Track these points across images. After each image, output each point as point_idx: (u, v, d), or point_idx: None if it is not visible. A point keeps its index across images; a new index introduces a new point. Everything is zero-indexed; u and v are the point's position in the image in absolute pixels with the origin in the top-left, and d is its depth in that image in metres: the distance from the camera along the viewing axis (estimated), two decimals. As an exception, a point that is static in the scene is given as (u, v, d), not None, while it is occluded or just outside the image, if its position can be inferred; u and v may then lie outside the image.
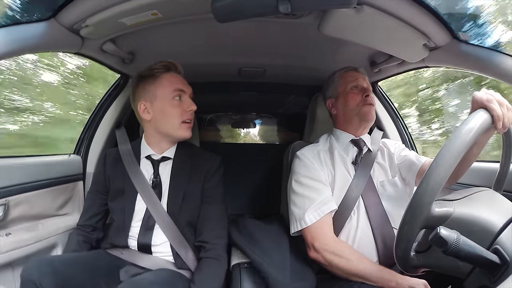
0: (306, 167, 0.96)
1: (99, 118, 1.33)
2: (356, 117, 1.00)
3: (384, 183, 0.96)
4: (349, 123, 1.02)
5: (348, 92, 1.02)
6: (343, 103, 1.03)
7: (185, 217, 0.95)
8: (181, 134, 0.96)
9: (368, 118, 0.99)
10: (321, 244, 0.86)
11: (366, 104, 0.98)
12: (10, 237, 0.94)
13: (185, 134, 0.96)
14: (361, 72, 1.06)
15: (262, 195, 1.79)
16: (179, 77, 0.98)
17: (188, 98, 0.97)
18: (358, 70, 1.07)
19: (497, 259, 0.49)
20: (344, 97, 1.02)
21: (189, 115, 0.96)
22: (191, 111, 0.96)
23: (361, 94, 1.00)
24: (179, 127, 0.95)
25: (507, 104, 0.60)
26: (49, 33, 0.77)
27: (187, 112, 0.95)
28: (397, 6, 0.76)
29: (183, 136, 0.97)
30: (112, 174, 1.00)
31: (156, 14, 0.80)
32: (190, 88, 0.99)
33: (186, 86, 0.97)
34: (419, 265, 0.61)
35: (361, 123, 1.00)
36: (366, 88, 1.01)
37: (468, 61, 0.85)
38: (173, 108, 0.94)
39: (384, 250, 0.87)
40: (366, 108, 0.99)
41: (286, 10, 0.69)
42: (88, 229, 1.01)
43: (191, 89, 0.99)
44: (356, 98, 1.00)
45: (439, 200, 0.60)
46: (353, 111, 1.00)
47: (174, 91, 0.94)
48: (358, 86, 1.01)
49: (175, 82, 0.95)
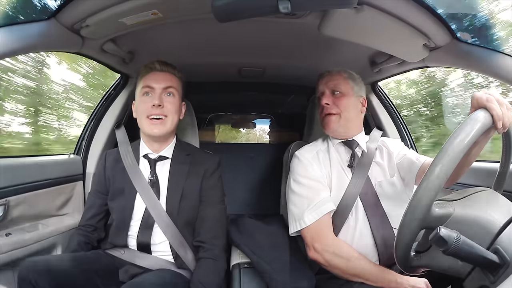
0: (305, 167, 0.96)
1: (99, 118, 1.33)
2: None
3: (383, 183, 0.96)
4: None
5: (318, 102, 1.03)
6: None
7: (183, 216, 0.95)
8: (146, 130, 0.95)
9: (328, 128, 1.00)
10: (321, 244, 0.86)
11: (324, 116, 1.00)
12: (10, 237, 0.94)
13: (149, 129, 0.94)
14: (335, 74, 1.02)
15: (262, 195, 1.79)
16: (155, 73, 0.97)
17: (159, 95, 0.94)
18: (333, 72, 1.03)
19: (497, 259, 0.49)
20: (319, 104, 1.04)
21: (154, 110, 0.93)
22: (155, 107, 0.93)
23: (321, 102, 1.00)
24: (145, 123, 0.95)
25: (507, 104, 0.60)
26: (49, 33, 0.77)
27: (150, 107, 0.93)
28: (397, 6, 0.76)
29: (148, 132, 0.95)
30: (112, 174, 1.00)
31: (156, 13, 0.80)
32: (163, 83, 0.95)
33: (158, 82, 0.95)
34: (419, 265, 0.61)
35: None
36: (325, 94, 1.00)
37: (468, 61, 0.85)
38: (141, 104, 0.96)
39: (384, 250, 0.87)
40: (324, 121, 1.01)
41: (286, 10, 0.69)
42: (89, 229, 1.01)
43: (167, 84, 0.96)
44: (320, 107, 1.02)
45: (439, 200, 0.60)
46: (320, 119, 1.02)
47: (142, 88, 0.96)
48: (322, 94, 1.02)
49: (146, 80, 0.96)
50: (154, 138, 0.98)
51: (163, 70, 0.98)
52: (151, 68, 0.98)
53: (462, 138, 0.52)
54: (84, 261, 0.87)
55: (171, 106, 0.95)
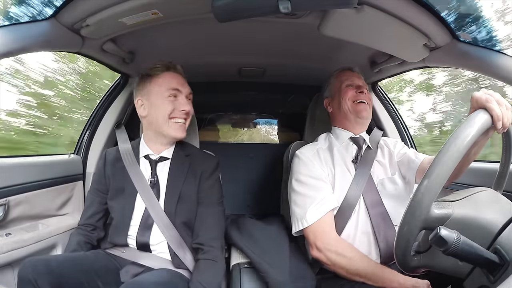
0: (306, 166, 0.96)
1: (99, 118, 1.33)
2: (352, 114, 1.01)
3: (384, 181, 0.96)
4: (346, 119, 1.03)
5: (342, 89, 1.03)
6: (338, 99, 1.04)
7: (181, 217, 0.95)
8: (171, 133, 0.95)
9: (363, 115, 1.00)
10: (323, 243, 0.86)
11: (360, 102, 1.00)
12: (10, 237, 0.94)
13: (175, 133, 0.95)
14: (356, 72, 1.07)
15: (262, 195, 1.79)
16: (178, 76, 0.98)
17: (184, 98, 0.96)
18: (353, 70, 1.08)
19: (497, 259, 0.49)
20: (339, 94, 1.04)
21: (181, 114, 0.95)
22: (183, 112, 0.95)
23: (355, 89, 1.01)
24: (168, 124, 0.94)
25: (506, 104, 0.60)
26: (49, 33, 0.77)
27: (179, 111, 0.94)
28: (397, 6, 0.76)
29: (173, 135, 0.96)
30: (112, 173, 1.00)
31: (156, 13, 0.80)
32: (188, 88, 0.98)
33: (183, 87, 0.97)
34: (419, 266, 0.61)
35: (357, 120, 1.01)
36: (359, 85, 1.02)
37: (468, 61, 0.85)
38: (166, 104, 0.94)
39: (385, 249, 0.87)
40: (360, 106, 1.00)
41: (286, 10, 0.69)
42: (89, 228, 1.01)
43: (190, 90, 0.99)
44: (349, 93, 1.01)
45: (439, 201, 0.60)
46: (347, 107, 1.01)
47: (169, 89, 0.95)
48: (353, 84, 1.03)
49: (172, 81, 0.96)
50: (173, 140, 1.00)
51: (181, 74, 0.99)
52: (173, 69, 0.97)
53: (462, 139, 0.52)
54: (84, 261, 0.87)
55: (191, 111, 0.98)
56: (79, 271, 0.82)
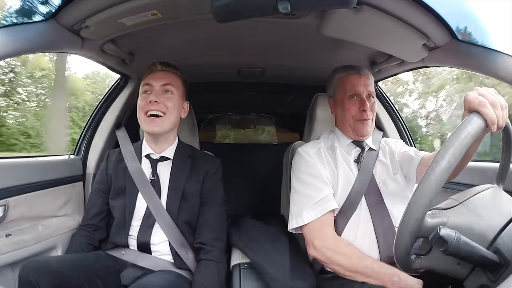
0: (307, 164, 0.96)
1: (99, 118, 1.33)
2: (352, 129, 0.99)
3: (386, 181, 0.96)
4: (347, 130, 1.01)
5: (345, 101, 0.99)
6: (341, 109, 1.01)
7: (183, 217, 0.96)
8: (145, 127, 0.96)
9: (362, 133, 0.98)
10: (320, 242, 0.86)
11: (361, 120, 0.96)
12: (10, 238, 0.94)
13: (148, 127, 0.95)
14: (363, 74, 1.00)
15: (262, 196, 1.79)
16: (158, 73, 0.98)
17: (156, 92, 0.95)
18: (361, 72, 1.00)
19: (497, 259, 0.49)
20: (341, 104, 1.00)
21: (151, 106, 0.93)
22: (151, 103, 0.93)
23: (358, 105, 0.97)
24: (143, 120, 0.95)
25: (501, 103, 0.56)
26: (49, 34, 0.77)
27: (147, 103, 0.94)
28: (397, 6, 0.76)
29: (146, 129, 0.96)
30: (114, 173, 1.01)
31: (156, 14, 0.80)
32: (161, 80, 0.97)
33: (155, 80, 0.97)
34: (420, 268, 0.61)
35: (356, 136, 1.00)
36: (363, 99, 0.97)
37: (468, 61, 0.85)
38: (140, 101, 0.97)
39: (385, 248, 0.87)
40: (359, 125, 0.97)
41: (285, 10, 0.69)
42: (91, 229, 1.01)
43: (165, 81, 0.97)
44: (352, 109, 0.97)
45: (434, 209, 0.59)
46: (348, 122, 0.99)
47: (143, 86, 0.98)
48: (357, 95, 0.98)
49: (147, 79, 0.98)
50: (153, 136, 0.98)
51: (164, 70, 0.99)
52: (152, 70, 0.99)
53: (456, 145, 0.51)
54: (85, 262, 0.87)
55: (169, 103, 0.96)
56: (80, 272, 0.82)
